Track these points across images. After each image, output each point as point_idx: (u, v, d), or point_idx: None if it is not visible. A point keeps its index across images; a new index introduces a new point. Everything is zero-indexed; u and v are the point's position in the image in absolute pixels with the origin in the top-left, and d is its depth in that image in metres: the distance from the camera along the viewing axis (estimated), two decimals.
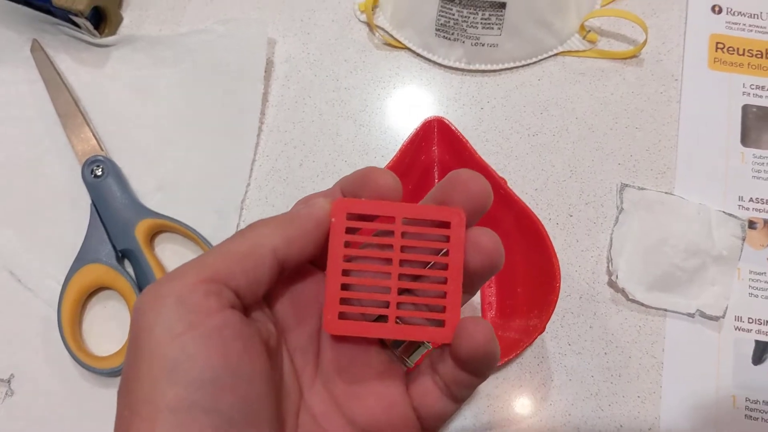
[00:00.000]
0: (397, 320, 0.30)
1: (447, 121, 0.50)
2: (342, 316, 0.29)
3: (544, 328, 0.45)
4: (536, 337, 0.46)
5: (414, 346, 0.32)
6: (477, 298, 0.51)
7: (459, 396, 0.30)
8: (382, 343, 0.32)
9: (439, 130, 0.51)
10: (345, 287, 0.30)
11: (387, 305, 0.30)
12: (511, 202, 0.48)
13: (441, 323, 0.29)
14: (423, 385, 0.31)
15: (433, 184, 0.52)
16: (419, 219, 0.29)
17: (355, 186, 0.30)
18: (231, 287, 0.27)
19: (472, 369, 0.29)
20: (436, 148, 0.52)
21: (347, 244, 0.30)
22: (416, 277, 0.30)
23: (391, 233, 0.30)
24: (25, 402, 0.49)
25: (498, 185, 0.48)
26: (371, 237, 0.30)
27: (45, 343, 0.50)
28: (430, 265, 0.30)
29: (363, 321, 0.30)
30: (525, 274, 0.49)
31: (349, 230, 0.30)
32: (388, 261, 0.30)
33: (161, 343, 0.25)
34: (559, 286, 0.45)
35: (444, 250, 0.29)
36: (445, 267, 0.29)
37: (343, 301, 0.29)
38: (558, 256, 0.51)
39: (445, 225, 0.29)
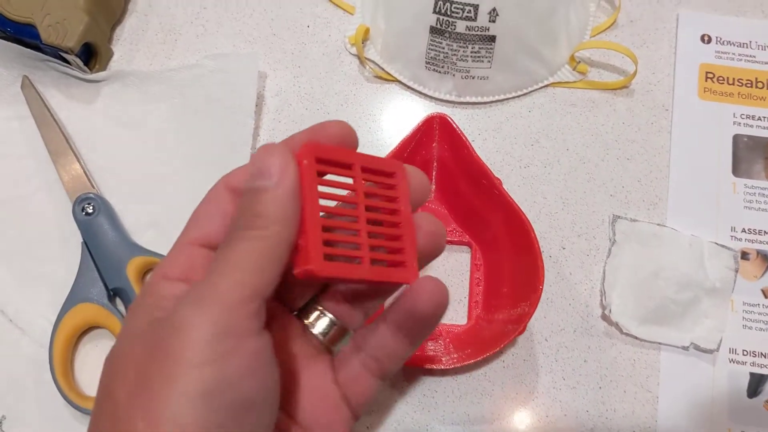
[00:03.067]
0: (372, 262, 0.31)
1: (449, 119, 0.50)
2: (326, 257, 0.29)
3: (524, 329, 0.45)
4: (516, 336, 0.46)
5: (341, 334, 0.33)
6: (465, 294, 0.52)
7: (388, 369, 0.32)
8: (307, 333, 0.33)
9: (440, 127, 0.51)
10: (324, 229, 0.30)
11: (358, 248, 0.30)
12: (503, 202, 0.48)
13: (403, 264, 0.31)
14: (350, 370, 0.32)
15: (431, 181, 0.53)
16: (373, 168, 0.31)
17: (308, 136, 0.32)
18: (265, 300, 0.27)
19: (424, 321, 0.31)
20: (436, 145, 0.52)
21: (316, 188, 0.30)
22: (375, 223, 0.31)
23: (352, 180, 0.31)
24: None
25: (493, 185, 0.49)
26: (337, 182, 0.31)
27: (36, 383, 0.50)
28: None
29: (344, 263, 0.30)
30: (511, 273, 0.49)
31: (317, 174, 0.30)
32: (354, 206, 0.31)
33: (198, 363, 0.25)
34: (542, 289, 0.45)
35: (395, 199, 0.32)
36: (396, 213, 0.31)
37: (325, 242, 0.30)
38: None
39: (391, 176, 0.32)
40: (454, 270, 0.52)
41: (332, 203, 0.31)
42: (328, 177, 0.31)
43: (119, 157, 0.56)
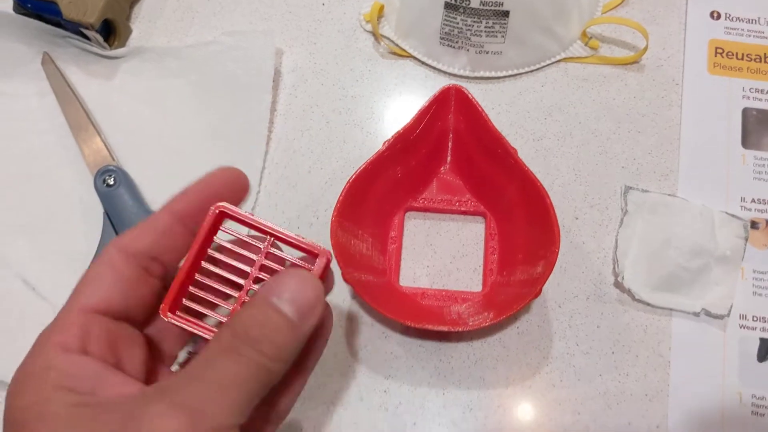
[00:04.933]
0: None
1: (465, 90, 0.51)
2: (183, 308, 0.31)
3: (540, 292, 0.46)
4: (531, 299, 0.46)
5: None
6: (480, 263, 0.53)
7: None
8: None
9: (456, 98, 0.51)
10: (194, 283, 0.31)
11: (226, 311, 0.31)
12: (518, 171, 0.49)
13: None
14: None
15: (447, 151, 0.54)
16: (285, 241, 0.31)
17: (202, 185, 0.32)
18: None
19: None
20: (452, 116, 0.53)
21: (210, 244, 0.31)
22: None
23: (256, 249, 0.31)
24: None
25: (508, 154, 0.49)
26: (235, 246, 0.32)
27: None
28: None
29: (197, 320, 0.31)
30: (526, 240, 0.50)
31: (214, 234, 0.31)
32: (244, 274, 0.31)
33: None
34: (558, 252, 0.46)
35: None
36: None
37: (190, 295, 0.31)
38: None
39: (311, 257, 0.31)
40: (468, 239, 0.53)
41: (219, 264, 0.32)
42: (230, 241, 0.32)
43: (138, 131, 0.57)
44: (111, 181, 0.53)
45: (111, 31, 0.59)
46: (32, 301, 0.52)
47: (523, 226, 0.50)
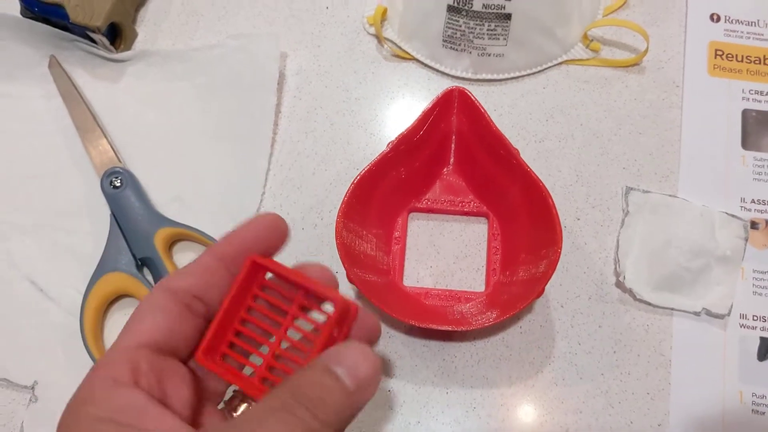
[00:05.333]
0: (262, 380, 0.32)
1: (467, 92, 0.51)
2: (222, 356, 0.32)
3: (543, 291, 0.47)
4: (534, 298, 0.47)
5: (238, 401, 0.32)
6: (482, 263, 0.53)
7: None
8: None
9: (459, 100, 0.52)
10: (233, 332, 0.32)
11: (259, 362, 0.32)
12: (521, 172, 0.50)
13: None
14: None
15: (450, 153, 0.54)
16: (314, 293, 0.31)
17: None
18: None
19: None
20: (455, 118, 0.53)
21: (246, 293, 0.32)
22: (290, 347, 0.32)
23: (288, 300, 0.32)
24: (48, 408, 0.50)
25: (511, 155, 0.50)
26: (269, 297, 0.32)
27: (67, 351, 0.51)
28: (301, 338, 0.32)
29: (233, 369, 0.32)
30: (529, 240, 0.51)
31: (250, 283, 0.32)
32: (277, 324, 0.32)
33: None
34: (560, 251, 0.46)
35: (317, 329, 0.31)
36: (312, 344, 0.31)
37: (228, 344, 0.32)
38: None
39: (329, 305, 0.31)
40: (471, 240, 0.54)
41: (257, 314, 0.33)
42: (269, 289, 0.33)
43: (144, 133, 0.57)
44: (118, 183, 0.54)
45: (117, 35, 0.59)
46: (40, 302, 0.53)
47: (526, 227, 0.51)
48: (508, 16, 0.55)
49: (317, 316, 0.32)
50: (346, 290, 0.52)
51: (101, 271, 0.52)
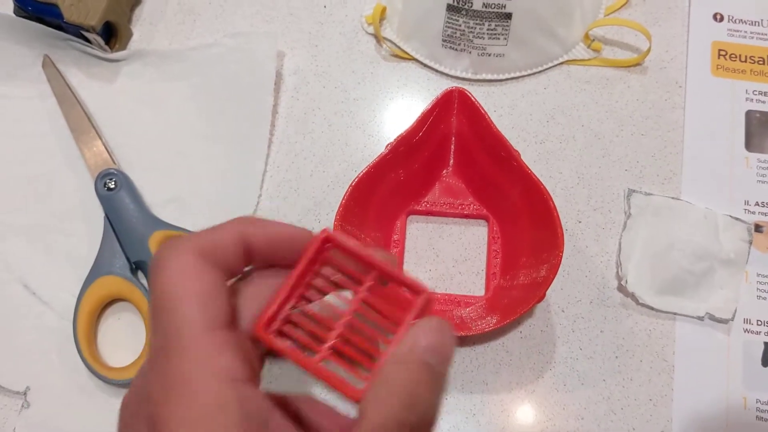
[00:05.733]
0: (323, 361, 0.29)
1: (467, 92, 0.51)
2: (278, 332, 0.29)
3: (544, 296, 0.46)
4: (535, 303, 0.46)
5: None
6: (482, 267, 0.52)
7: None
8: None
9: (459, 100, 0.51)
10: (293, 307, 0.30)
11: (321, 341, 0.29)
12: (521, 174, 0.49)
13: (359, 382, 0.28)
14: None
15: (449, 154, 0.54)
16: (393, 279, 0.29)
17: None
18: None
19: None
20: (454, 119, 0.52)
21: (312, 269, 0.30)
22: (358, 331, 0.30)
23: (359, 282, 0.30)
24: (41, 414, 0.49)
25: (511, 157, 0.49)
26: (340, 275, 0.30)
27: (60, 355, 0.51)
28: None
29: (294, 347, 0.30)
30: (530, 243, 0.50)
31: (321, 258, 0.30)
32: (346, 304, 0.30)
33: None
34: (561, 255, 0.46)
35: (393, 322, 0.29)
36: (387, 333, 0.29)
37: (287, 320, 0.29)
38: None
39: (409, 299, 0.29)
40: (471, 243, 0.53)
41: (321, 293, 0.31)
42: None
43: (140, 134, 0.56)
44: (112, 185, 0.53)
45: (112, 34, 0.58)
46: (32, 306, 0.52)
47: (527, 230, 0.50)
48: (508, 16, 0.54)
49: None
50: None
51: (95, 275, 0.51)
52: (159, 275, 0.26)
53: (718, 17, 0.59)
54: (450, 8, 0.54)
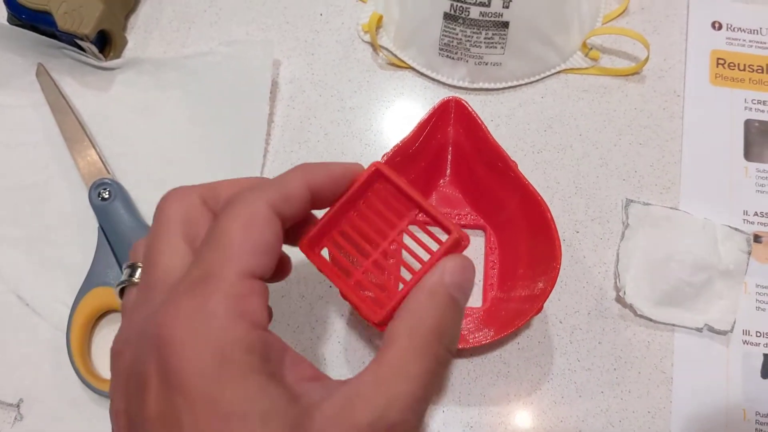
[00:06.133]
0: (357, 284, 0.32)
1: (465, 102, 0.50)
2: (320, 250, 0.32)
3: (541, 308, 0.46)
4: (533, 315, 0.46)
5: None
6: (480, 277, 0.52)
7: None
8: None
9: (456, 110, 0.51)
10: (338, 231, 0.33)
11: (357, 265, 0.32)
12: (519, 185, 0.49)
13: (382, 305, 0.31)
14: None
15: (446, 164, 0.53)
16: (430, 217, 0.32)
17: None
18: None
19: None
20: (451, 129, 0.52)
21: (359, 198, 0.33)
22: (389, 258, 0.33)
23: (400, 217, 0.32)
24: (34, 426, 0.49)
25: (509, 168, 0.49)
26: (381, 207, 0.33)
27: (54, 367, 0.50)
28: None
29: (333, 266, 0.33)
30: (527, 255, 0.50)
31: (366, 189, 0.33)
32: (383, 234, 0.32)
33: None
34: (559, 267, 0.45)
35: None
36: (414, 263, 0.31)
37: (332, 241, 0.33)
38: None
39: (443, 232, 0.31)
40: (468, 253, 0.52)
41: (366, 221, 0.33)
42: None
43: (134, 143, 0.56)
44: (106, 195, 0.53)
45: (106, 42, 0.58)
46: (26, 317, 0.52)
47: (524, 241, 0.50)
48: (505, 24, 0.53)
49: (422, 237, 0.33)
50: (338, 306, 0.51)
51: (89, 285, 0.51)
52: (227, 215, 0.29)
53: (716, 25, 0.59)
54: (447, 17, 0.54)
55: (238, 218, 0.29)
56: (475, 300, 0.51)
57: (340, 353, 0.50)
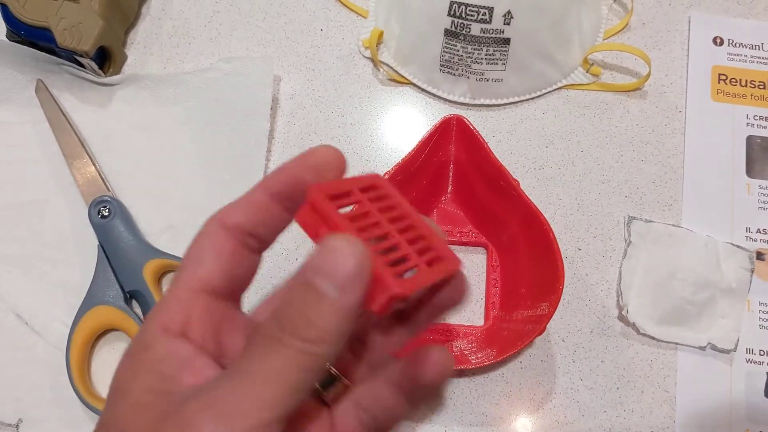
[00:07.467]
0: (409, 270, 0.28)
1: (466, 120, 0.50)
2: (397, 276, 0.27)
3: (544, 329, 0.45)
4: (535, 336, 0.45)
5: (343, 389, 0.31)
6: (481, 295, 0.52)
7: (384, 427, 0.30)
8: None
9: (457, 129, 0.51)
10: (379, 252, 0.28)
11: (407, 259, 0.28)
12: (521, 204, 0.48)
13: (441, 258, 0.29)
14: (347, 425, 0.29)
15: (448, 182, 0.53)
16: (365, 186, 0.31)
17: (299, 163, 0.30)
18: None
19: (426, 388, 0.29)
20: (453, 147, 0.52)
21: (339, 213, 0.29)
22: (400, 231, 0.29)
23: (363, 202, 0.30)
24: None
25: (511, 187, 0.49)
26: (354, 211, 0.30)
27: (53, 387, 0.50)
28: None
29: (407, 278, 0.27)
30: (529, 274, 0.49)
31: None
32: (378, 224, 0.29)
33: None
34: (562, 289, 0.45)
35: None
36: (405, 217, 0.30)
37: (387, 263, 0.27)
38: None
39: (377, 188, 0.31)
40: (470, 271, 0.52)
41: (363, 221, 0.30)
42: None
43: (134, 160, 0.56)
44: (106, 212, 0.52)
45: (106, 58, 0.58)
46: (25, 336, 0.51)
47: (526, 259, 0.49)
48: (507, 41, 0.53)
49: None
50: None
51: (88, 305, 0.50)
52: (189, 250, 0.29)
53: (718, 41, 0.59)
54: (448, 33, 0.53)
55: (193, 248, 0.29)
56: (477, 318, 0.51)
57: None
